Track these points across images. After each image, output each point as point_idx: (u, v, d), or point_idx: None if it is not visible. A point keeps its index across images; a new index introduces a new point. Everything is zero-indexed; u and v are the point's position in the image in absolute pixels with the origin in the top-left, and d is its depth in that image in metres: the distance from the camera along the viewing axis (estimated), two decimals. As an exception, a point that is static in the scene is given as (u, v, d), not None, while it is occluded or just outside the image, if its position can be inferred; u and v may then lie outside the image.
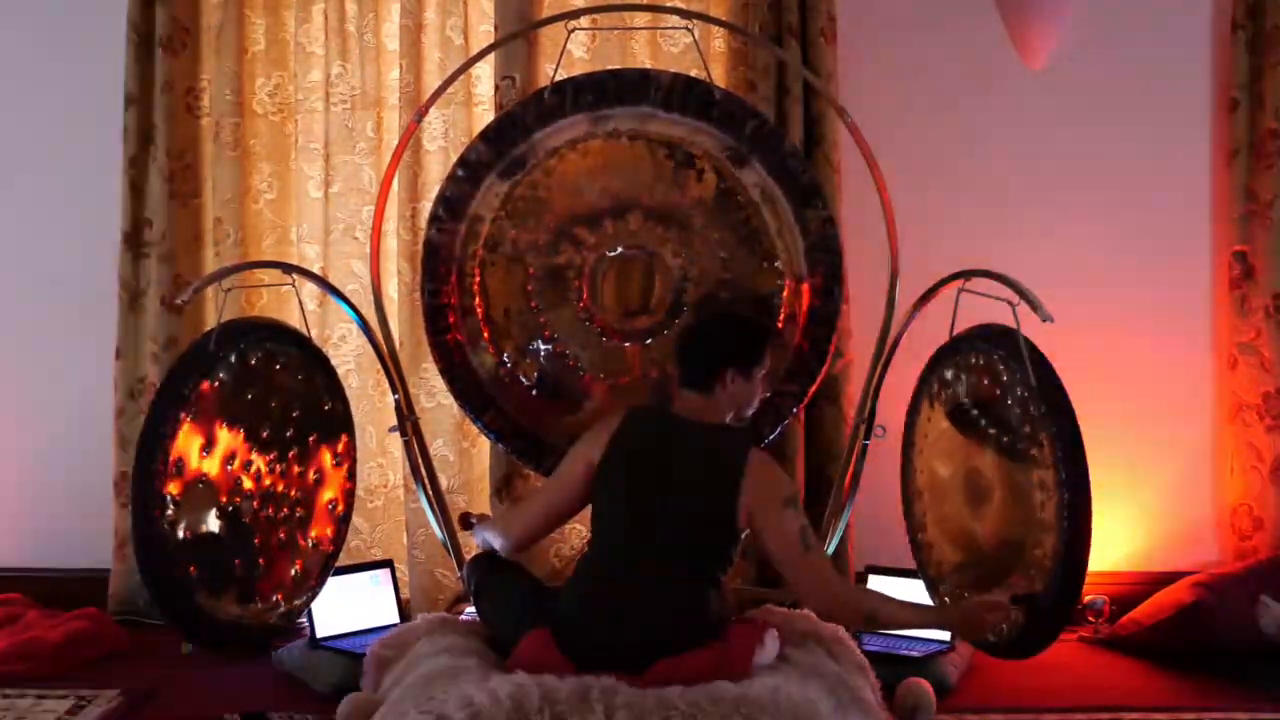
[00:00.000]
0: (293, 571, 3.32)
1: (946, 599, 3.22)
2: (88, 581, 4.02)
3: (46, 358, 4.14)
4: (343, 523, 3.45)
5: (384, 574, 3.70)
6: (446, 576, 3.91)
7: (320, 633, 3.48)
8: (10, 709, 3.22)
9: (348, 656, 3.37)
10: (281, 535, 3.29)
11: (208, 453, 3.13)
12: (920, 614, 2.93)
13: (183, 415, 3.07)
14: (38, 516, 4.13)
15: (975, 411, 3.10)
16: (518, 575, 3.12)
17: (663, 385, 3.41)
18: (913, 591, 3.37)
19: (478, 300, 3.55)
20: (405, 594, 3.89)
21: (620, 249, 3.54)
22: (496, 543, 3.14)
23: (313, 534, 3.37)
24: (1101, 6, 3.96)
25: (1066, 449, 2.84)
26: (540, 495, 3.21)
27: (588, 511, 3.06)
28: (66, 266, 4.12)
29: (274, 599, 3.27)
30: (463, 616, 3.31)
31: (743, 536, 2.93)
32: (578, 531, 3.91)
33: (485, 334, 3.56)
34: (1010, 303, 3.00)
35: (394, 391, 3.59)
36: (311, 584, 3.38)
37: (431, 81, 3.92)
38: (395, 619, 3.62)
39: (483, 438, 3.73)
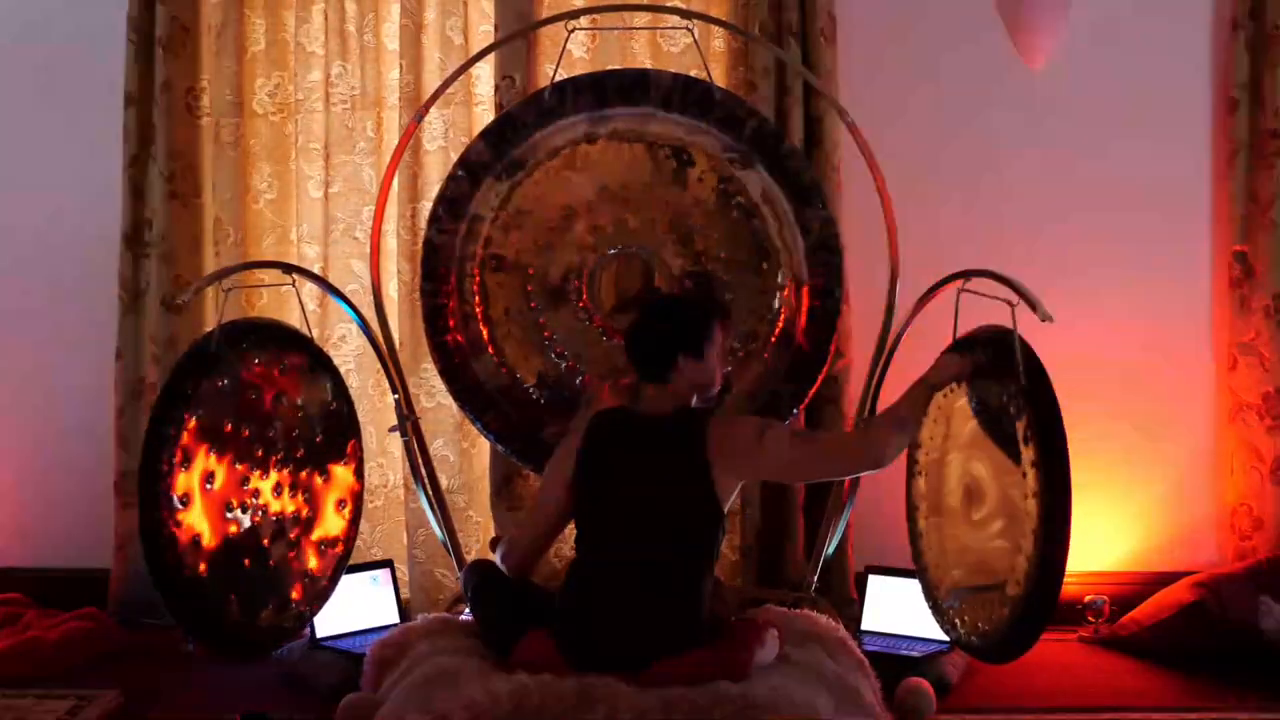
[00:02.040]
0: (304, 573, 3.32)
1: (943, 600, 3.23)
2: (88, 581, 4.01)
3: (46, 358, 4.14)
4: (352, 523, 3.45)
5: (384, 574, 3.70)
6: (446, 576, 3.91)
7: (320, 633, 3.48)
8: (10, 709, 3.22)
9: (348, 656, 3.37)
10: (291, 536, 3.29)
11: (214, 454, 3.13)
12: (914, 400, 3.03)
13: (187, 415, 3.07)
14: (38, 516, 4.13)
15: (980, 412, 3.10)
16: (515, 581, 3.12)
17: (636, 386, 3.41)
18: (916, 591, 3.37)
19: (478, 302, 3.55)
20: (405, 594, 3.89)
21: (619, 249, 3.55)
22: (502, 566, 3.15)
23: (323, 534, 3.37)
24: (1101, 6, 3.95)
25: (1050, 452, 2.83)
26: (527, 519, 3.21)
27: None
28: (66, 266, 4.12)
29: (285, 601, 3.27)
30: (463, 616, 3.31)
31: (727, 515, 2.93)
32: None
33: (485, 335, 3.57)
34: (1010, 303, 3.00)
35: (394, 391, 3.59)
36: (323, 585, 3.37)
37: (431, 81, 3.92)
38: (395, 619, 3.62)
39: (483, 438, 3.73)
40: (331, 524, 3.39)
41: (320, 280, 3.72)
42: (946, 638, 3.40)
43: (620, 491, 2.93)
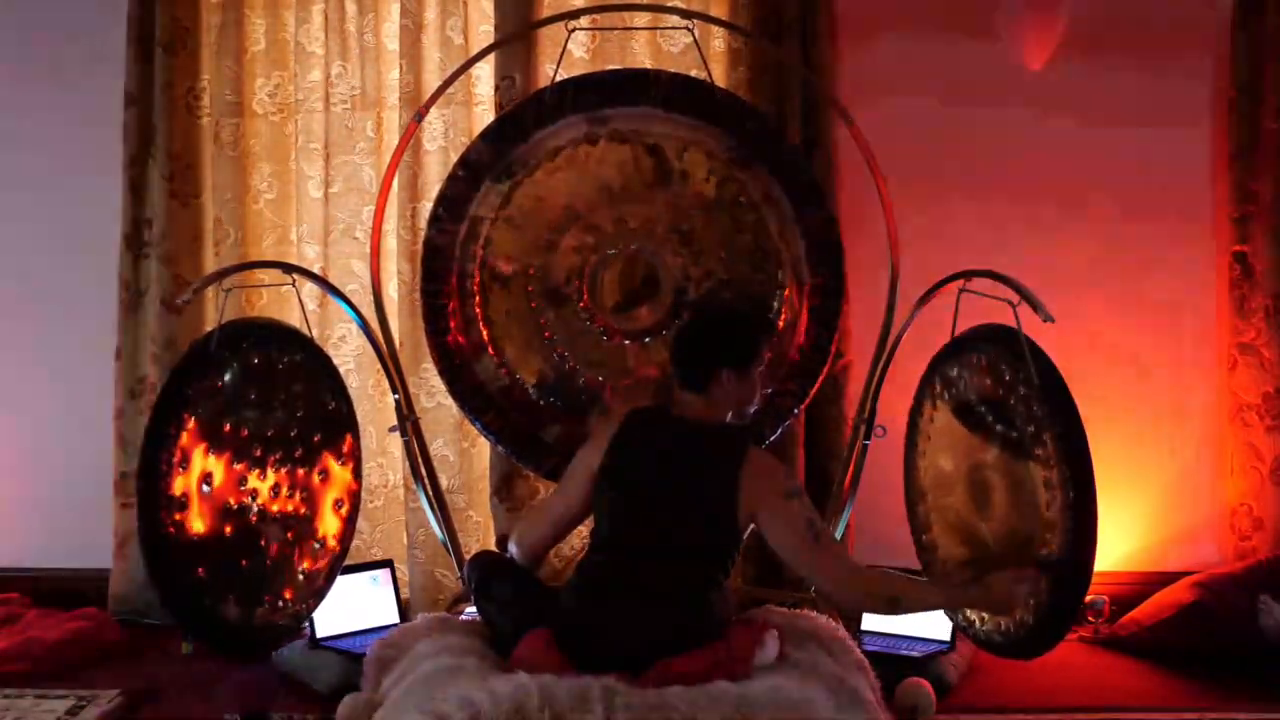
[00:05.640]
0: (300, 572, 3.32)
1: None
2: (88, 581, 4.02)
3: (46, 358, 4.14)
4: (349, 522, 3.45)
5: (384, 574, 3.70)
6: (446, 576, 3.91)
7: (320, 633, 3.48)
8: (10, 709, 3.22)
9: (348, 656, 3.37)
10: (288, 536, 3.29)
11: (212, 453, 3.13)
12: (947, 595, 2.97)
13: (186, 415, 3.07)
14: (38, 516, 4.14)
15: (981, 410, 3.10)
16: (518, 575, 3.12)
17: (665, 386, 3.41)
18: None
19: (478, 302, 3.56)
20: (405, 594, 3.89)
21: (620, 249, 3.55)
22: (513, 552, 3.15)
23: (319, 534, 3.37)
24: (1102, 6, 3.96)
25: (1070, 446, 2.84)
26: (547, 505, 3.21)
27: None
28: (66, 266, 4.12)
29: (281, 600, 3.27)
30: (463, 616, 3.31)
31: (744, 536, 2.93)
32: (579, 532, 3.89)
33: (485, 335, 3.57)
34: (1011, 303, 3.01)
35: (394, 391, 3.59)
36: (319, 584, 3.38)
37: (431, 81, 3.92)
38: (395, 619, 3.62)
39: (483, 438, 3.73)
40: (329, 524, 3.39)
41: (320, 280, 3.72)
42: (947, 637, 3.41)
43: (646, 492, 2.93)
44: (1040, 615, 2.91)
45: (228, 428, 3.17)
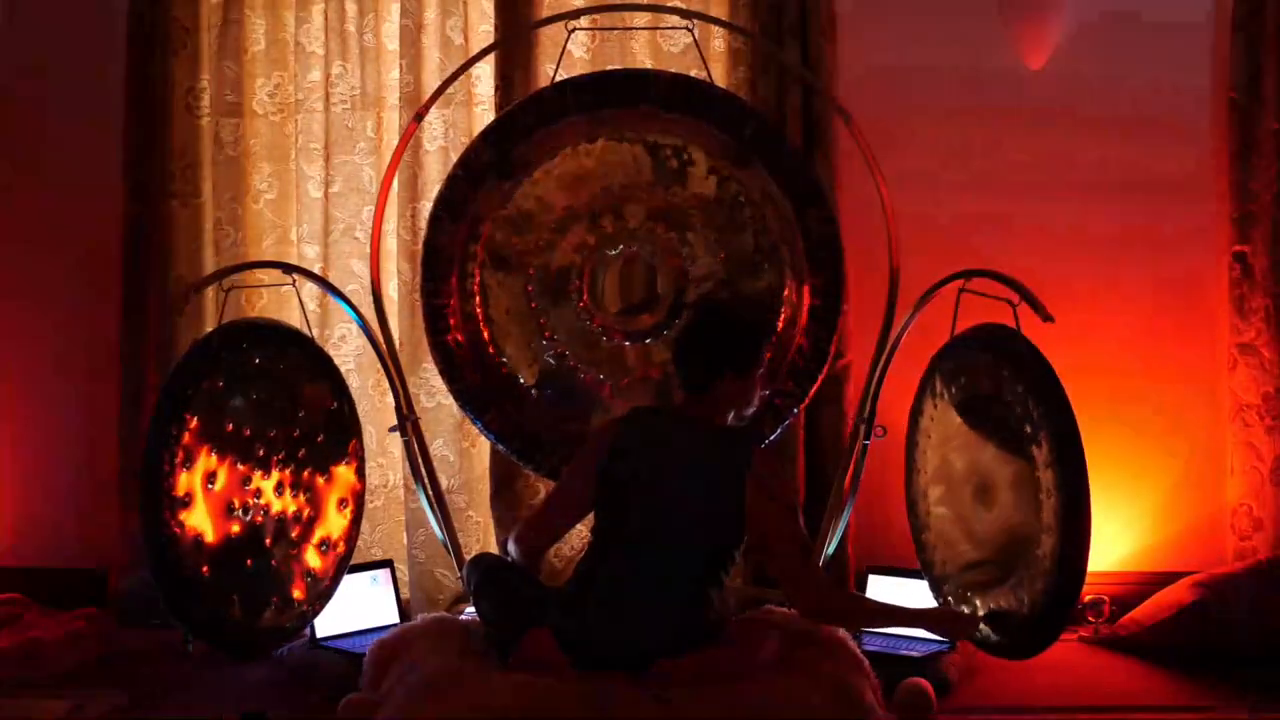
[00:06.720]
0: (306, 572, 3.32)
1: (950, 599, 3.23)
2: (88, 581, 4.02)
3: (46, 358, 4.14)
4: (354, 523, 3.46)
5: (384, 574, 3.70)
6: (446, 576, 3.91)
7: (320, 633, 3.48)
8: (10, 709, 3.22)
9: (348, 656, 3.37)
10: (293, 535, 3.29)
11: (215, 453, 3.13)
12: (895, 615, 3.06)
13: (188, 415, 3.07)
14: (38, 516, 4.13)
15: (979, 409, 3.10)
16: (518, 576, 3.12)
17: (666, 387, 3.41)
18: (916, 591, 3.38)
19: (478, 302, 3.56)
20: (405, 594, 3.89)
21: (620, 248, 3.55)
22: (512, 551, 3.15)
23: (324, 534, 3.37)
24: (1102, 6, 3.96)
25: (1064, 449, 2.84)
26: (548, 502, 3.22)
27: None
28: (66, 266, 4.12)
29: (285, 600, 3.27)
30: (463, 616, 3.31)
31: (746, 537, 2.94)
32: (578, 532, 3.90)
33: (485, 334, 3.57)
34: (1011, 302, 3.01)
35: (394, 391, 3.59)
36: (325, 585, 3.38)
37: (431, 81, 3.92)
38: (395, 619, 3.62)
39: (483, 438, 3.73)
40: (333, 524, 3.40)
41: (320, 280, 3.72)
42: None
43: (647, 492, 2.93)
44: (1034, 617, 2.91)
45: (230, 428, 3.17)
